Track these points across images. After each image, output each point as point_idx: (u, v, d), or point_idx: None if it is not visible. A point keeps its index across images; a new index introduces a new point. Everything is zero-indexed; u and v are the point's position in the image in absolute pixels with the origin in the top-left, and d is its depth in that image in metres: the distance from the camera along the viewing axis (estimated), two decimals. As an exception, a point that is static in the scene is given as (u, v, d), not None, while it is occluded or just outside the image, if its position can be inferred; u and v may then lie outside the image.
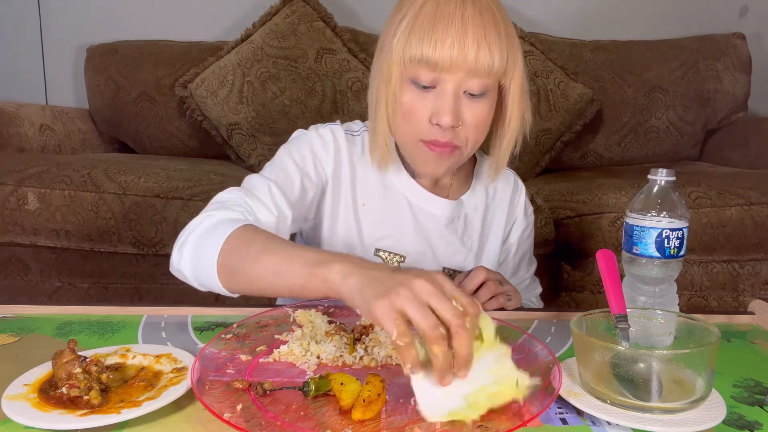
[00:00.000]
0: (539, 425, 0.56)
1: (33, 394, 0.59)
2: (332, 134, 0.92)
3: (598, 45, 2.14)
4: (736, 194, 1.46)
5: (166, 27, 2.27)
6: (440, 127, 0.79)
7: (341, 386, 0.57)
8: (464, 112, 0.80)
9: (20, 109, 1.93)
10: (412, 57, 0.78)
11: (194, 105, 1.97)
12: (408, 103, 0.80)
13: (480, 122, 0.81)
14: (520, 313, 0.87)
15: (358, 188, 0.93)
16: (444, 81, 0.78)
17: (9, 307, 0.86)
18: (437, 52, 0.75)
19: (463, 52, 0.75)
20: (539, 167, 2.00)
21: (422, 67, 0.78)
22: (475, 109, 0.80)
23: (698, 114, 2.13)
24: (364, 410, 0.55)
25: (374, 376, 0.58)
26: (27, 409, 0.56)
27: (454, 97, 0.78)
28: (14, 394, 0.58)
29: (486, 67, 0.77)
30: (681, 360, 0.59)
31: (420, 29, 0.77)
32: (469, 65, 0.76)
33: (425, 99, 0.79)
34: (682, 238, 0.74)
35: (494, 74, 0.78)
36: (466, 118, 0.80)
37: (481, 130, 0.83)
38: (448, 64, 0.76)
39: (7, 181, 1.45)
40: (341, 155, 0.92)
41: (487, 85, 0.79)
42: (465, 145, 0.83)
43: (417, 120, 0.80)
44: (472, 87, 0.78)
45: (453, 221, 0.95)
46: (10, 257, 1.53)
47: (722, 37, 2.16)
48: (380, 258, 0.93)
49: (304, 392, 0.59)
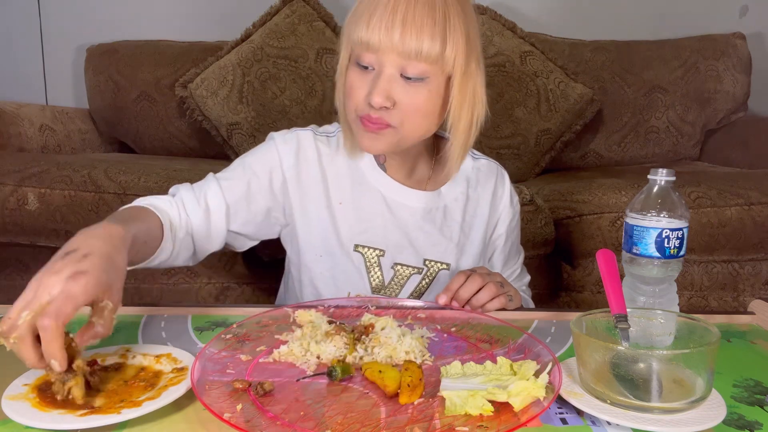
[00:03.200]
0: (539, 425, 0.56)
1: (32, 394, 0.59)
2: (297, 140, 0.96)
3: (598, 45, 2.14)
4: (736, 194, 1.46)
5: (166, 27, 2.27)
6: (372, 107, 0.82)
7: (380, 374, 0.61)
8: (399, 94, 0.82)
9: (20, 109, 1.93)
10: (353, 39, 0.83)
11: (194, 105, 1.97)
12: (350, 82, 0.84)
13: (416, 107, 0.83)
14: (520, 313, 0.88)
15: (331, 188, 0.96)
16: (381, 62, 0.81)
17: (9, 307, 0.85)
18: (368, 34, 0.80)
19: (390, 34, 0.79)
20: (539, 167, 2.00)
21: (362, 48, 0.81)
22: (411, 93, 0.82)
23: (698, 114, 2.13)
24: (410, 394, 0.58)
25: (411, 363, 0.63)
26: (27, 409, 0.56)
27: (388, 78, 0.81)
28: (14, 394, 0.58)
29: (413, 51, 0.79)
30: (681, 360, 0.59)
31: (361, 12, 0.81)
32: (397, 48, 0.79)
33: (365, 79, 0.83)
34: (682, 238, 0.74)
35: (427, 59, 0.80)
36: (401, 100, 0.82)
37: (419, 115, 0.84)
38: (377, 45, 0.80)
39: (7, 181, 1.45)
40: (307, 158, 0.95)
41: (424, 70, 0.81)
42: (399, 125, 0.84)
43: (355, 97, 0.84)
44: (407, 70, 0.81)
45: (430, 212, 0.96)
46: (10, 257, 1.53)
47: (722, 37, 2.16)
48: (360, 253, 0.95)
49: (332, 377, 0.63)
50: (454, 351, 0.72)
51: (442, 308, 0.85)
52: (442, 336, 0.77)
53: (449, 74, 0.83)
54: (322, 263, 0.96)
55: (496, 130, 1.92)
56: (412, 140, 0.88)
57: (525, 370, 0.60)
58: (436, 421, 0.55)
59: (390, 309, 0.84)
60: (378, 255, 0.95)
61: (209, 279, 1.47)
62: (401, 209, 0.96)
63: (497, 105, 1.94)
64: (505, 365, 0.63)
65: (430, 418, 0.56)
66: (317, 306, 0.83)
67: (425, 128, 0.87)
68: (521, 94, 1.94)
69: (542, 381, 0.57)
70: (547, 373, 0.58)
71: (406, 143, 0.89)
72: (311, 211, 0.95)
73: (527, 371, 0.60)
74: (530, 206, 1.43)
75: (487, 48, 1.99)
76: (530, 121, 1.93)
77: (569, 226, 1.49)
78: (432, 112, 0.85)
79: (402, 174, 0.96)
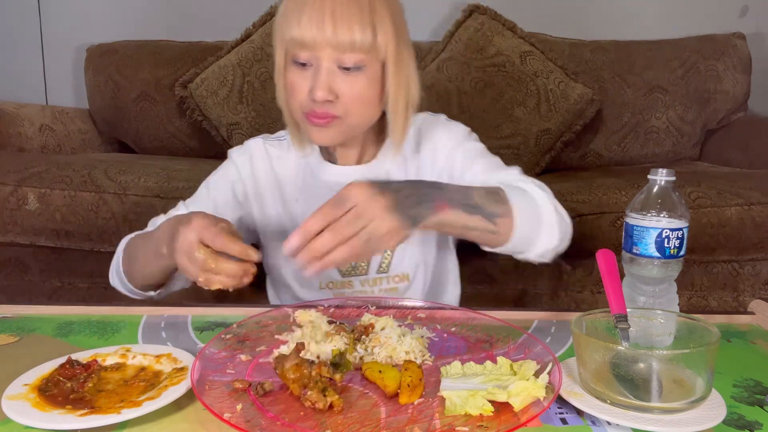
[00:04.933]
0: (539, 425, 0.56)
1: (32, 394, 0.59)
2: (248, 150, 1.01)
3: (598, 45, 2.14)
4: (736, 194, 1.46)
5: (166, 27, 2.27)
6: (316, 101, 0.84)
7: (380, 374, 0.62)
8: (340, 86, 0.84)
9: (20, 109, 1.93)
10: (286, 39, 0.84)
11: (194, 105, 1.97)
12: (291, 81, 0.86)
13: (358, 95, 0.85)
14: (520, 313, 0.87)
15: (286, 188, 0.99)
16: (318, 58, 0.83)
17: (9, 307, 0.86)
18: (301, 31, 0.81)
19: (322, 30, 0.80)
20: (539, 167, 2.00)
21: (297, 47, 0.83)
22: (351, 83, 0.84)
23: (698, 114, 2.13)
24: (410, 394, 0.58)
25: (411, 363, 0.63)
26: (27, 409, 0.56)
27: (327, 72, 0.83)
28: (14, 394, 0.58)
29: (348, 43, 0.81)
30: (681, 360, 0.59)
31: (289, 12, 0.83)
32: (331, 42, 0.81)
33: (305, 76, 0.84)
34: (682, 238, 0.74)
35: (361, 48, 0.82)
36: (342, 92, 0.84)
37: (362, 103, 0.86)
38: (312, 42, 0.82)
39: (7, 181, 1.45)
40: (258, 164, 1.00)
41: (360, 59, 0.83)
42: (345, 115, 0.86)
43: (299, 95, 0.85)
44: (344, 61, 0.83)
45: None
46: (10, 257, 1.53)
47: (722, 37, 2.16)
48: None
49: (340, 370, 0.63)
50: (454, 351, 0.72)
51: (441, 308, 0.85)
52: (442, 336, 0.77)
53: (383, 60, 0.86)
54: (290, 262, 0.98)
55: (496, 130, 1.92)
56: (358, 128, 0.91)
57: (525, 370, 0.60)
58: (436, 421, 0.55)
59: (390, 309, 0.84)
60: None
61: (209, 279, 1.47)
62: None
63: (497, 105, 1.94)
64: (505, 365, 0.63)
65: (430, 418, 0.56)
66: (317, 306, 0.83)
67: (369, 115, 0.90)
68: (521, 94, 1.94)
69: (542, 381, 0.57)
70: (547, 373, 0.58)
71: (354, 131, 0.91)
72: (271, 215, 1.00)
73: (527, 371, 0.60)
74: (530, 206, 1.43)
75: (487, 48, 1.99)
76: (530, 121, 1.93)
77: (569, 226, 1.49)
78: (372, 98, 0.88)
79: (354, 158, 0.98)
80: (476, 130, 1.12)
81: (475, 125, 1.91)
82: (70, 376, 0.63)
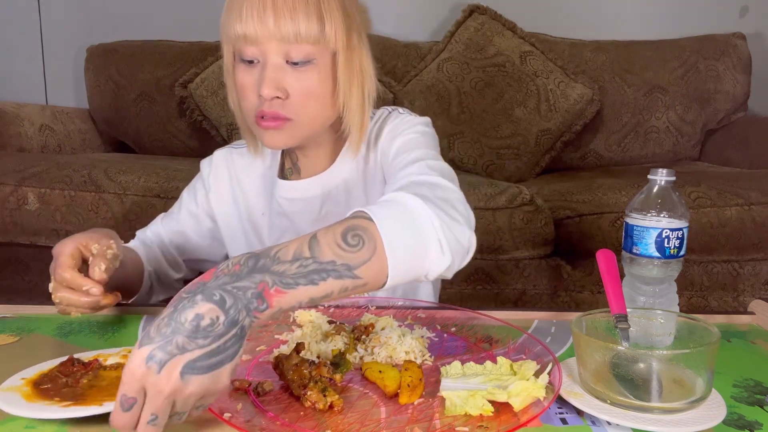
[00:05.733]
0: (539, 425, 0.56)
1: (26, 387, 0.60)
2: (213, 161, 1.00)
3: (598, 45, 2.14)
4: (736, 194, 1.46)
5: (166, 27, 2.27)
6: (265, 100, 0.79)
7: (380, 374, 0.62)
8: (289, 82, 0.79)
9: (20, 109, 1.93)
10: (230, 36, 0.79)
11: (194, 105, 1.97)
12: (239, 81, 0.81)
13: (308, 91, 0.80)
14: (520, 313, 0.87)
15: (251, 200, 0.97)
16: (265, 53, 0.78)
17: (9, 307, 0.86)
18: (243, 26, 0.76)
19: (264, 22, 0.76)
20: (539, 167, 2.00)
21: (242, 42, 0.78)
22: (301, 78, 0.79)
23: (698, 114, 2.13)
24: (410, 394, 0.58)
25: (411, 363, 0.63)
26: (15, 399, 0.57)
27: (275, 68, 0.78)
28: (9, 386, 0.59)
29: (292, 34, 0.76)
30: (681, 360, 0.59)
31: (232, 7, 0.78)
32: (275, 34, 0.76)
33: (252, 74, 0.80)
34: (682, 238, 0.74)
35: (307, 39, 0.77)
36: (292, 88, 0.79)
37: (313, 100, 0.81)
38: (254, 36, 0.77)
39: (7, 181, 1.45)
40: (219, 177, 0.98)
41: (308, 52, 0.78)
42: (296, 116, 0.80)
43: (248, 95, 0.81)
44: (291, 55, 0.78)
45: (330, 193, 0.92)
46: (10, 257, 1.53)
47: (722, 37, 2.16)
48: None
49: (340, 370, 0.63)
50: (454, 351, 0.72)
51: (441, 308, 0.85)
52: (442, 336, 0.76)
53: (333, 52, 0.80)
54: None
55: (496, 130, 1.92)
56: (312, 129, 0.84)
57: (525, 370, 0.60)
58: (436, 421, 0.55)
59: (390, 309, 0.84)
60: None
61: (209, 279, 1.47)
62: (301, 204, 0.92)
63: (497, 105, 1.94)
64: (505, 365, 0.63)
65: (430, 418, 0.56)
66: (317, 306, 0.83)
67: (322, 114, 0.84)
68: (521, 94, 1.94)
69: (542, 381, 0.57)
70: (547, 373, 0.58)
71: (308, 133, 0.85)
72: (237, 227, 0.98)
73: (527, 371, 0.60)
74: (530, 206, 1.43)
75: (487, 48, 1.99)
76: (530, 121, 1.93)
77: (569, 226, 1.49)
78: (325, 95, 0.82)
79: (320, 167, 0.92)
80: (476, 130, 1.12)
81: (475, 125, 1.93)
82: (68, 373, 0.63)
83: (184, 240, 0.99)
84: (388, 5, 2.17)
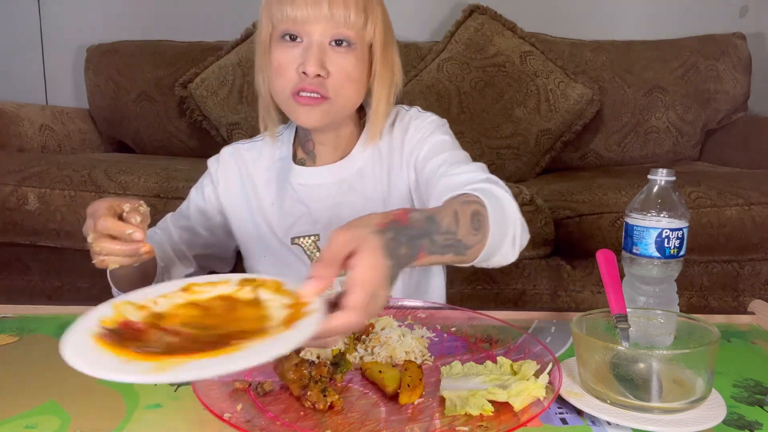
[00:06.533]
0: (539, 425, 0.56)
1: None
2: (220, 158, 1.02)
3: (598, 45, 2.14)
4: (736, 194, 1.46)
5: (166, 27, 2.27)
6: (307, 76, 0.84)
7: (380, 374, 0.62)
8: (330, 62, 0.84)
9: (20, 109, 1.93)
10: (275, 17, 0.85)
11: (194, 105, 1.97)
12: (278, 58, 0.86)
13: (347, 73, 0.86)
14: (520, 313, 0.88)
15: (261, 190, 0.99)
16: (309, 33, 0.84)
17: (9, 307, 0.86)
18: (294, 10, 0.83)
19: (319, 7, 0.82)
20: (539, 167, 2.00)
21: (288, 23, 0.84)
22: (342, 60, 0.85)
23: (698, 114, 2.13)
24: (410, 394, 0.58)
25: (411, 363, 0.63)
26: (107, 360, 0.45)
27: (319, 48, 0.84)
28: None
29: (342, 20, 0.83)
30: (681, 360, 0.59)
31: None
32: (326, 17, 0.83)
33: (293, 53, 0.85)
34: (682, 238, 0.74)
35: (353, 27, 0.84)
36: (332, 69, 0.85)
37: (350, 83, 0.87)
38: (306, 18, 0.83)
39: (7, 181, 1.45)
40: (231, 173, 1.01)
41: (350, 35, 0.85)
42: (335, 96, 0.86)
43: (286, 72, 0.85)
44: (336, 36, 0.84)
45: (346, 181, 0.96)
46: (10, 257, 1.53)
47: (722, 37, 2.16)
48: (298, 245, 0.98)
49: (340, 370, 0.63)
50: (454, 351, 0.72)
51: (441, 308, 0.85)
52: (442, 336, 0.77)
53: (370, 42, 0.88)
54: (266, 261, 1.00)
55: (496, 130, 1.92)
56: (344, 110, 0.91)
57: (525, 370, 0.60)
58: (436, 421, 0.55)
59: (390, 309, 0.84)
60: (314, 241, 0.98)
61: (209, 279, 1.47)
62: (317, 190, 0.96)
63: (497, 105, 1.94)
64: (505, 365, 0.63)
65: (430, 418, 0.56)
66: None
67: (355, 97, 0.90)
68: (521, 94, 1.94)
69: (542, 381, 0.57)
70: (547, 373, 0.58)
71: (340, 114, 0.91)
72: (247, 219, 1.00)
73: (527, 371, 0.60)
74: (530, 206, 1.43)
75: (487, 48, 1.99)
76: (530, 121, 1.93)
77: (569, 226, 1.49)
78: (360, 79, 0.88)
79: (336, 155, 0.97)
80: (476, 130, 1.13)
81: (475, 125, 1.93)
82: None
83: (194, 236, 1.01)
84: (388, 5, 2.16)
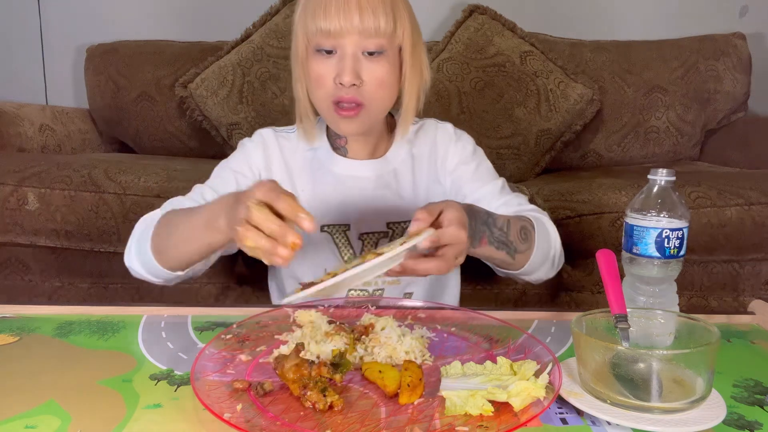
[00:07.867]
0: (539, 425, 0.56)
1: None
2: (262, 138, 1.04)
3: (598, 45, 2.14)
4: (736, 194, 1.46)
5: (166, 27, 2.27)
6: (344, 86, 0.89)
7: (380, 374, 0.62)
8: (364, 71, 0.89)
9: (20, 109, 1.93)
10: (310, 30, 0.89)
11: (194, 105, 1.97)
12: (315, 70, 0.91)
13: (380, 80, 0.91)
14: (520, 313, 0.88)
15: (296, 178, 1.02)
16: (342, 45, 0.88)
17: (9, 307, 0.86)
18: (327, 23, 0.87)
19: (349, 19, 0.86)
20: (539, 167, 2.00)
21: (320, 36, 0.89)
22: (375, 68, 0.90)
23: (698, 114, 2.13)
24: (410, 394, 0.59)
25: (411, 363, 0.63)
26: None
27: (353, 58, 0.89)
28: None
29: (373, 29, 0.87)
30: (681, 360, 0.59)
31: (314, 6, 0.89)
32: (357, 29, 0.87)
33: (329, 64, 0.90)
34: (682, 238, 0.74)
35: (384, 34, 0.89)
36: (366, 77, 0.90)
37: (383, 88, 0.92)
38: (339, 31, 0.87)
39: (7, 181, 1.45)
40: (270, 153, 1.03)
41: (381, 44, 0.89)
42: (370, 102, 0.91)
43: (324, 83, 0.90)
44: (367, 47, 0.89)
45: (382, 177, 1.02)
46: (10, 257, 1.53)
47: (722, 37, 2.16)
48: (327, 233, 1.01)
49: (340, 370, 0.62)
50: (454, 351, 0.72)
51: (441, 308, 0.85)
52: (442, 336, 0.77)
53: (399, 45, 0.92)
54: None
55: (496, 130, 1.92)
56: (378, 115, 0.96)
57: (525, 370, 0.60)
58: (436, 421, 0.55)
59: (390, 309, 0.84)
60: (344, 230, 1.01)
61: (209, 279, 1.47)
62: (355, 181, 1.01)
63: (497, 105, 1.94)
64: (505, 365, 0.63)
65: (430, 418, 0.56)
66: (317, 306, 0.83)
67: (388, 100, 0.95)
68: (521, 94, 1.94)
69: (542, 381, 0.57)
70: (547, 373, 0.58)
71: (375, 119, 0.96)
72: None
73: (527, 371, 0.60)
74: (530, 206, 1.43)
75: (487, 48, 1.99)
76: (530, 121, 1.93)
77: (569, 226, 1.49)
78: (393, 83, 0.93)
79: (365, 152, 1.02)
80: (476, 130, 1.14)
81: (475, 125, 1.93)
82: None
83: None
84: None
